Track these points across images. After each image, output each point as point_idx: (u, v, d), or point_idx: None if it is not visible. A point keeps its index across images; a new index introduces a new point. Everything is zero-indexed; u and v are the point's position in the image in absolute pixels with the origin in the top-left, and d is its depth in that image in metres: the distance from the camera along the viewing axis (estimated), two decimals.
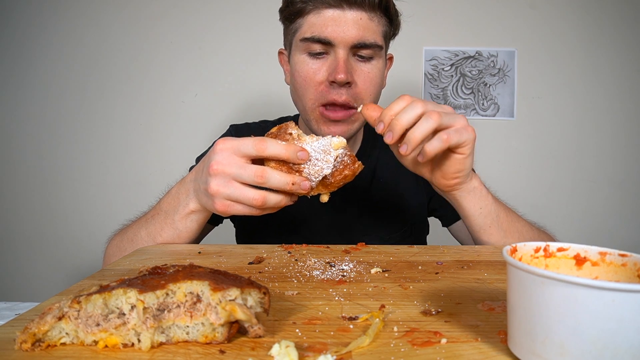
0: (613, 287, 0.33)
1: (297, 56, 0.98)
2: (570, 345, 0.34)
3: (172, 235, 0.85)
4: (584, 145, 1.96)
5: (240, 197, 0.73)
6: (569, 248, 0.46)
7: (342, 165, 0.75)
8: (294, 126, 0.76)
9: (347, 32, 0.92)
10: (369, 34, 0.94)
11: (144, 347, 0.41)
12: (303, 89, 0.98)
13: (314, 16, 0.94)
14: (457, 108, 1.94)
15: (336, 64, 0.94)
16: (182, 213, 0.83)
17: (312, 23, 0.94)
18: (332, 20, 0.93)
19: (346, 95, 0.95)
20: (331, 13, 0.93)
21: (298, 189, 0.72)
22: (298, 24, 0.97)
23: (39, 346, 0.42)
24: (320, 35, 0.93)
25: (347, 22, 0.92)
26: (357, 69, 0.96)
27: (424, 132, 0.73)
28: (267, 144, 0.71)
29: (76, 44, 1.96)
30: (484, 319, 0.49)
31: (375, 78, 0.99)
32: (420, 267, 0.70)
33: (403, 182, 1.14)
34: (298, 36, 0.97)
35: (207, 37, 1.96)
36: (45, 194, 2.00)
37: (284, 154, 0.71)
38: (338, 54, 0.94)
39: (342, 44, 0.93)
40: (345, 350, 0.41)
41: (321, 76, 0.96)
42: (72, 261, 2.01)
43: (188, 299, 0.43)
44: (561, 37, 1.92)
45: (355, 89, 0.96)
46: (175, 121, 1.98)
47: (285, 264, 0.72)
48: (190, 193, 0.82)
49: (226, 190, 0.73)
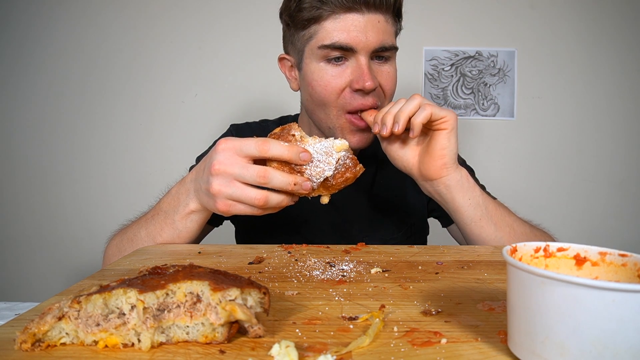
0: (613, 287, 0.32)
1: (314, 64, 0.94)
2: (570, 345, 0.34)
3: (171, 235, 0.85)
4: (584, 145, 1.96)
5: (242, 197, 0.73)
6: (569, 248, 0.46)
7: (344, 167, 0.75)
8: (297, 127, 0.77)
9: (369, 37, 0.90)
10: (388, 37, 0.93)
11: (144, 347, 0.41)
12: (324, 98, 0.94)
13: (332, 22, 0.90)
14: (457, 108, 1.94)
15: (360, 71, 0.91)
16: (182, 213, 0.83)
17: (331, 29, 0.90)
18: (353, 26, 0.89)
19: (372, 100, 0.94)
20: (351, 17, 0.89)
21: (300, 189, 0.72)
22: (313, 30, 0.92)
23: (39, 346, 0.42)
24: (342, 42, 0.89)
25: (368, 27, 0.89)
26: (378, 72, 0.95)
27: (411, 109, 0.81)
28: (270, 145, 0.71)
29: (76, 44, 1.96)
30: (484, 319, 0.49)
31: (394, 78, 0.99)
32: (420, 267, 0.70)
33: (404, 183, 1.14)
34: (314, 43, 0.93)
35: (207, 37, 1.96)
36: (45, 194, 2.00)
37: (287, 155, 0.71)
38: (360, 61, 0.91)
39: (364, 50, 0.90)
40: (345, 351, 0.41)
41: (343, 83, 0.93)
42: (72, 261, 2.01)
43: (188, 299, 0.43)
44: (561, 37, 1.92)
45: (378, 91, 0.96)
46: (175, 121, 1.98)
47: (285, 264, 0.72)
48: (191, 193, 0.82)
49: (228, 190, 0.73)
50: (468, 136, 1.96)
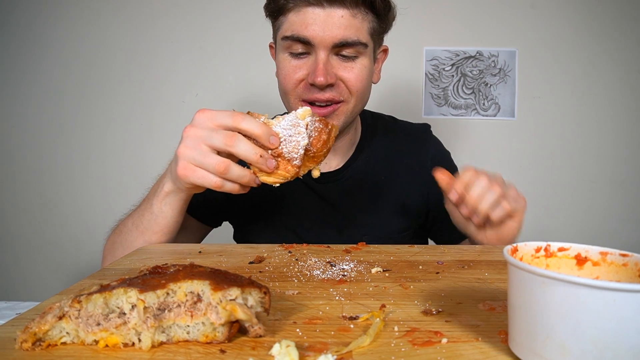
0: (614, 287, 0.32)
1: (280, 54, 0.97)
2: (571, 345, 0.34)
3: (150, 221, 0.86)
4: (585, 145, 1.95)
5: (204, 162, 0.73)
6: (570, 248, 0.46)
7: (317, 131, 0.75)
8: (262, 115, 0.77)
9: (327, 32, 0.90)
10: (351, 32, 0.91)
11: (144, 346, 0.41)
12: (284, 87, 0.98)
13: (295, 14, 0.92)
14: (457, 108, 1.94)
15: (315, 66, 0.92)
16: (159, 196, 0.85)
17: (292, 21, 0.92)
18: (312, 19, 0.90)
19: (329, 94, 0.94)
20: (311, 11, 0.90)
21: (264, 163, 0.72)
22: (280, 21, 0.96)
23: (40, 345, 0.42)
24: (300, 34, 0.91)
25: (328, 21, 0.89)
26: (340, 68, 0.94)
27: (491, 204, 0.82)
28: (244, 118, 0.72)
29: (76, 44, 1.96)
30: (485, 318, 0.49)
31: (361, 75, 0.96)
32: (420, 267, 0.70)
33: (402, 179, 1.13)
34: (280, 34, 0.96)
35: (208, 37, 1.95)
36: (45, 194, 2.00)
37: (257, 131, 0.71)
38: (318, 55, 0.92)
39: (322, 44, 0.91)
40: (345, 350, 0.41)
41: (300, 75, 0.94)
42: (72, 261, 2.01)
43: (188, 299, 0.43)
44: (562, 36, 1.92)
45: (339, 87, 0.95)
46: (175, 121, 1.98)
47: (285, 264, 0.72)
48: (167, 174, 0.84)
49: (192, 153, 0.74)
50: (468, 136, 1.95)
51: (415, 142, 1.17)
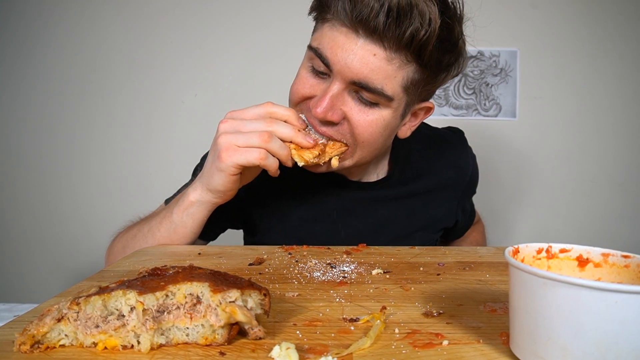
0: (616, 288, 0.32)
1: (304, 61, 0.86)
2: (572, 347, 0.34)
3: (168, 230, 0.86)
4: (586, 146, 1.95)
5: (247, 138, 0.76)
6: (571, 249, 0.46)
7: None
8: None
9: (350, 64, 0.75)
10: (377, 77, 0.76)
11: (143, 348, 0.41)
12: (290, 97, 0.88)
13: (329, 28, 0.79)
14: (458, 108, 1.94)
15: (322, 94, 0.79)
16: (182, 206, 0.85)
17: (324, 34, 0.80)
18: (342, 43, 0.76)
19: (327, 131, 0.82)
20: (345, 33, 0.76)
21: (304, 137, 0.78)
22: (316, 27, 0.85)
23: (38, 348, 0.41)
24: (323, 52, 0.78)
25: (357, 53, 0.75)
26: (352, 106, 0.80)
27: None
28: (272, 104, 0.81)
29: (76, 44, 1.96)
30: (486, 320, 0.49)
31: (374, 125, 0.81)
32: (421, 269, 0.70)
33: (435, 195, 1.06)
34: (310, 40, 0.85)
35: (207, 37, 1.95)
36: (45, 195, 2.00)
37: (287, 113, 0.80)
38: (332, 84, 0.79)
39: (340, 74, 0.77)
40: (346, 352, 0.41)
41: (309, 93, 0.83)
42: (71, 262, 2.01)
43: (188, 301, 0.43)
44: (563, 37, 1.92)
45: (342, 128, 0.82)
46: (175, 121, 1.98)
47: (285, 265, 0.72)
48: (195, 183, 0.85)
49: (232, 137, 0.77)
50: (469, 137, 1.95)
51: (453, 154, 1.10)
